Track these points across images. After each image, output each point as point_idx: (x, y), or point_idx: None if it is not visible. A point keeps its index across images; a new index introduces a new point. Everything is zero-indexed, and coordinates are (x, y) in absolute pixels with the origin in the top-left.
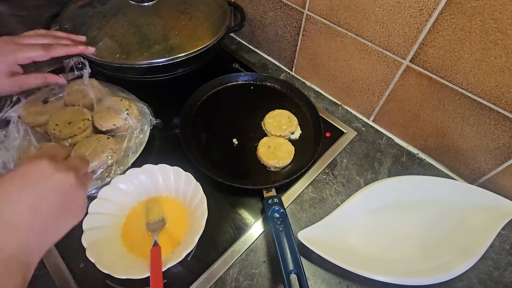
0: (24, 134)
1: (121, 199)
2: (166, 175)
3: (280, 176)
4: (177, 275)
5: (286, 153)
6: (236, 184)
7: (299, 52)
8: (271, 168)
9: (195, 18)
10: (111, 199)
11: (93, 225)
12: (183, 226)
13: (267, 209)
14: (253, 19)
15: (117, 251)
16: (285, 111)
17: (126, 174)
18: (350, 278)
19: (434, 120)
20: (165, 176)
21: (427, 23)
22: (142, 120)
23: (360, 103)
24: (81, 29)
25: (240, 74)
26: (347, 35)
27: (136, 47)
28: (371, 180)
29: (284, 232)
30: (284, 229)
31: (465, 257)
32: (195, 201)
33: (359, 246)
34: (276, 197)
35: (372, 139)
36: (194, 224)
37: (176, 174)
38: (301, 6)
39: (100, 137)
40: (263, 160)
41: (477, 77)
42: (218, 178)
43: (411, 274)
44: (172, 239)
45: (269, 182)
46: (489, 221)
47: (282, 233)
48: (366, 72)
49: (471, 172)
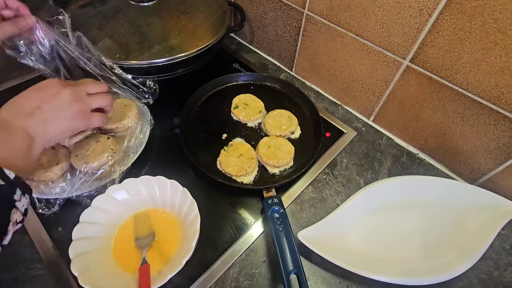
0: None
1: (115, 209)
2: (163, 187)
3: (279, 176)
4: (177, 275)
5: (286, 153)
6: (236, 184)
7: (299, 52)
8: (271, 168)
9: (195, 18)
10: (105, 209)
11: (83, 235)
12: (175, 242)
13: (267, 209)
14: (253, 19)
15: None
16: (285, 111)
17: (122, 183)
18: (350, 278)
19: (434, 120)
20: (162, 188)
21: (427, 23)
22: (142, 120)
23: (360, 103)
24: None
25: (240, 74)
26: (347, 35)
27: (136, 47)
28: (371, 180)
29: (284, 232)
30: (283, 229)
31: (465, 257)
32: (189, 218)
33: (359, 246)
34: (276, 197)
35: (372, 139)
36: (187, 231)
37: (173, 188)
38: (301, 6)
39: (100, 137)
40: (263, 160)
41: (477, 77)
42: (218, 178)
43: (411, 274)
44: (162, 256)
45: (269, 182)
46: (489, 221)
47: (282, 233)
48: (366, 72)
49: (471, 172)
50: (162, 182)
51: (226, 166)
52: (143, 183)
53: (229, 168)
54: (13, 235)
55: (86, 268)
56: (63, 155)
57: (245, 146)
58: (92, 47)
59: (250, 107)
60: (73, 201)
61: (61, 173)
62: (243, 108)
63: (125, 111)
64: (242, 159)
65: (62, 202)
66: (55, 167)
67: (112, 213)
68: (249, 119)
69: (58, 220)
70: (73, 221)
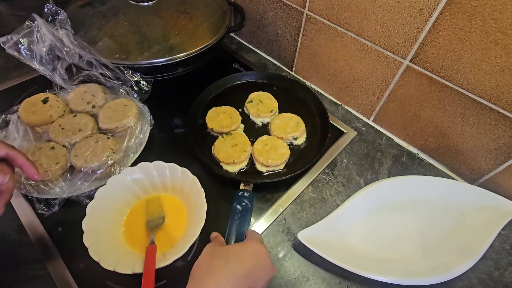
0: (24, 134)
1: (119, 198)
2: (162, 171)
3: (264, 176)
4: (177, 275)
5: (279, 155)
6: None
7: (299, 52)
8: (260, 166)
9: (195, 18)
10: (108, 199)
11: (93, 225)
12: (181, 227)
13: (234, 198)
14: (253, 19)
15: (120, 249)
16: (296, 117)
17: (121, 173)
18: (350, 278)
19: (434, 120)
20: (161, 173)
21: (427, 23)
22: (142, 120)
23: (360, 103)
24: (81, 29)
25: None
26: (347, 35)
27: (136, 47)
28: (371, 180)
29: (238, 225)
30: (240, 223)
31: (465, 257)
32: (196, 205)
33: (359, 246)
34: (249, 191)
35: (372, 139)
36: (194, 218)
37: (184, 175)
38: (301, 6)
39: (100, 137)
40: (255, 155)
41: (477, 77)
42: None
43: (411, 274)
44: (168, 239)
45: (251, 178)
46: (489, 221)
47: (236, 226)
48: (366, 72)
49: (471, 172)
50: (174, 168)
51: (218, 151)
52: (155, 168)
53: (220, 154)
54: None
55: (96, 242)
56: (63, 155)
57: (243, 138)
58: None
59: (263, 104)
60: (73, 201)
61: (61, 173)
62: (256, 103)
63: (125, 111)
64: (235, 149)
65: (62, 202)
66: (55, 167)
67: (125, 194)
68: (258, 115)
69: (58, 220)
70: (73, 221)
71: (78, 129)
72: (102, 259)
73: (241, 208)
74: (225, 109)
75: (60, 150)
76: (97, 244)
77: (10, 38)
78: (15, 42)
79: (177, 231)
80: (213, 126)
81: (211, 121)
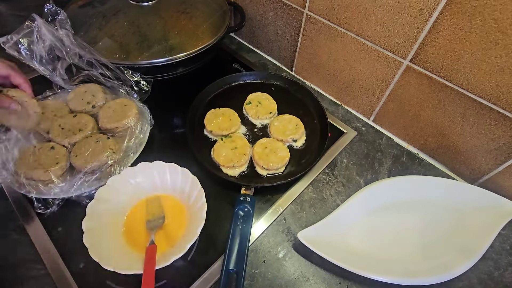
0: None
1: (119, 198)
2: (161, 171)
3: (264, 179)
4: (177, 275)
5: (279, 158)
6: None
7: (299, 52)
8: (260, 169)
9: (195, 18)
10: (108, 199)
11: (93, 225)
12: (181, 228)
13: (236, 204)
14: (253, 19)
15: (120, 249)
16: (295, 118)
17: (121, 173)
18: (350, 278)
19: (434, 120)
20: (161, 173)
21: (427, 23)
22: (142, 120)
23: (360, 103)
24: (81, 29)
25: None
26: (347, 35)
27: (136, 47)
28: (371, 180)
29: (242, 231)
30: (243, 228)
31: (465, 257)
32: (196, 206)
33: (359, 246)
34: (250, 196)
35: (372, 139)
36: (194, 218)
37: (184, 175)
38: (301, 6)
39: (100, 137)
40: (255, 159)
41: (477, 77)
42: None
43: (411, 274)
44: (168, 239)
45: (252, 181)
46: (489, 221)
47: (239, 232)
48: (366, 72)
49: (471, 172)
50: (174, 168)
51: (217, 155)
52: (155, 168)
53: (220, 158)
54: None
55: (96, 242)
56: (62, 155)
57: (243, 141)
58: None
59: (262, 105)
60: (73, 201)
61: (61, 173)
62: (255, 105)
63: (125, 111)
64: (235, 152)
65: (61, 202)
66: (55, 167)
67: (125, 194)
68: (257, 117)
69: (58, 220)
70: (73, 221)
71: (78, 129)
72: (102, 259)
73: (243, 213)
74: (224, 110)
75: (60, 150)
76: (97, 244)
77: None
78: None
79: (177, 231)
80: (212, 129)
81: (210, 123)
